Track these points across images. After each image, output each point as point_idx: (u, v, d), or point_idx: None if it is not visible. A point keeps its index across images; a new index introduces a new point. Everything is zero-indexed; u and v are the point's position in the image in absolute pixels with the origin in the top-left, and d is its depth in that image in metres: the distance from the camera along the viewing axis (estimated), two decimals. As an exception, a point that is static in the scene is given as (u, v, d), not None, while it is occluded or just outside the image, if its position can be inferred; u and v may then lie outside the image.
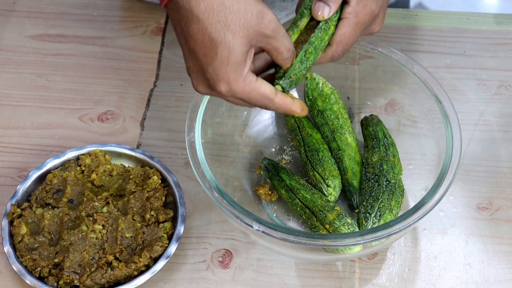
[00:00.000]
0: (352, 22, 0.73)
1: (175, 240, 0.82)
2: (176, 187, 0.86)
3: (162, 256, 0.81)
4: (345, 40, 0.73)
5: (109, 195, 0.86)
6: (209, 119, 0.85)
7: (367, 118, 0.91)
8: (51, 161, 0.88)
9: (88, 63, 1.04)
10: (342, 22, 0.73)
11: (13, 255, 0.82)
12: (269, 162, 0.89)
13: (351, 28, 0.73)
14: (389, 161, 0.85)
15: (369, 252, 0.82)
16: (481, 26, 1.08)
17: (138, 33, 1.07)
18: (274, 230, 0.74)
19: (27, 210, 0.84)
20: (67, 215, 0.84)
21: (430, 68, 0.89)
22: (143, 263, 0.80)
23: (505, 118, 0.98)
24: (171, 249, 0.81)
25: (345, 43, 0.74)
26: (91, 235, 0.82)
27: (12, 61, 1.04)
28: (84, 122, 0.97)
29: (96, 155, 0.89)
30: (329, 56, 0.74)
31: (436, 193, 0.77)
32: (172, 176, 0.86)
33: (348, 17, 0.73)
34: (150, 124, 0.97)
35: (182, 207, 0.84)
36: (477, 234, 0.87)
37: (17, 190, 0.86)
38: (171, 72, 1.03)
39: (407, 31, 1.07)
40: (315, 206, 0.82)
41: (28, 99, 1.00)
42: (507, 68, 1.03)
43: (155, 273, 0.80)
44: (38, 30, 1.08)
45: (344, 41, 0.73)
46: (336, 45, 0.73)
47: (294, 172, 0.88)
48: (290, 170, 0.88)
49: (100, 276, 0.80)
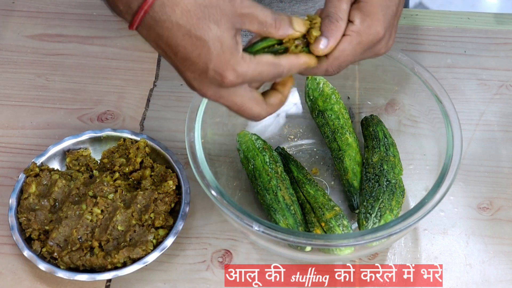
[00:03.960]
0: (354, 40, 0.70)
1: (173, 234, 0.82)
2: (185, 183, 0.86)
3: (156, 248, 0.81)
4: (342, 57, 0.71)
5: (125, 184, 0.86)
6: (209, 119, 0.85)
7: (368, 118, 0.91)
8: (88, 133, 0.91)
9: (87, 63, 1.04)
10: (344, 39, 0.70)
11: (14, 208, 0.84)
12: (282, 151, 0.90)
13: (352, 46, 0.71)
14: (390, 161, 0.85)
15: (370, 252, 0.82)
16: (482, 26, 1.08)
17: (137, 32, 1.07)
18: (274, 230, 0.74)
19: (45, 172, 0.86)
20: (77, 189, 0.85)
21: (431, 68, 0.89)
22: (118, 260, 0.80)
23: (506, 118, 0.98)
24: (166, 242, 0.82)
25: (342, 60, 0.71)
26: (87, 215, 0.83)
27: (12, 61, 1.04)
28: (84, 122, 0.97)
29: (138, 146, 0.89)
30: (324, 69, 0.72)
31: (437, 193, 0.76)
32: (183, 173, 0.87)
33: (351, 34, 0.70)
34: (149, 124, 0.97)
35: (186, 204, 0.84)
36: (478, 235, 0.87)
37: (47, 150, 0.89)
38: (171, 72, 1.01)
39: (407, 31, 1.07)
40: (316, 202, 0.83)
41: (28, 99, 0.99)
42: (508, 68, 1.03)
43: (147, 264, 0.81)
44: (38, 30, 1.07)
45: (342, 58, 0.71)
46: (332, 60, 0.71)
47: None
48: (301, 163, 0.88)
49: (78, 257, 0.81)
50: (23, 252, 0.81)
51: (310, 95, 0.91)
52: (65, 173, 0.88)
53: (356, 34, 0.70)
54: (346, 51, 0.71)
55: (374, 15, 0.71)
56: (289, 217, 0.82)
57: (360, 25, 0.70)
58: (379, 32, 0.71)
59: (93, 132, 0.91)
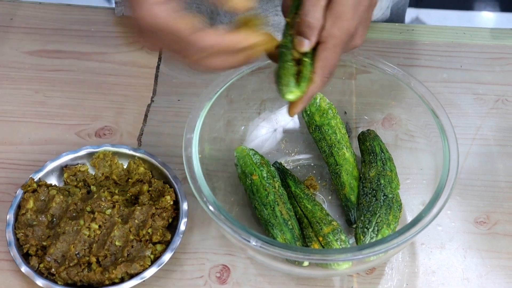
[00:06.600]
0: (330, 44, 0.73)
1: (170, 250, 0.82)
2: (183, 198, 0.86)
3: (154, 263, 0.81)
4: (328, 64, 0.73)
5: (122, 199, 0.86)
6: (207, 135, 0.85)
7: (364, 133, 0.91)
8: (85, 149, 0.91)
9: (85, 79, 1.04)
10: (321, 47, 0.73)
11: (12, 224, 0.84)
12: (280, 166, 0.90)
13: (331, 51, 0.73)
14: (387, 175, 0.85)
15: (367, 267, 0.82)
16: (478, 41, 1.09)
17: (135, 48, 1.07)
18: (271, 246, 0.74)
19: (43, 187, 0.86)
20: (75, 204, 0.85)
21: (427, 83, 0.89)
22: (116, 276, 0.80)
23: (502, 132, 0.98)
24: (164, 257, 0.82)
25: (329, 66, 0.74)
26: (85, 231, 0.83)
27: (10, 77, 1.04)
28: (82, 137, 0.97)
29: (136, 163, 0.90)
30: (320, 83, 0.74)
31: (434, 208, 0.77)
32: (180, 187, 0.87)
33: (325, 41, 0.73)
34: (147, 140, 0.97)
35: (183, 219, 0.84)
36: (475, 249, 0.87)
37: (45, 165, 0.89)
38: (169, 87, 1.03)
39: (403, 46, 1.08)
40: (314, 217, 0.83)
41: (26, 115, 1.00)
42: (503, 83, 1.04)
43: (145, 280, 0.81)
44: (36, 46, 1.08)
45: (328, 65, 0.73)
46: (321, 71, 0.73)
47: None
48: (298, 178, 0.89)
49: (76, 272, 0.80)
50: (20, 268, 0.81)
51: (307, 110, 0.92)
52: (63, 189, 0.88)
53: (330, 38, 0.73)
54: (328, 57, 0.73)
55: (344, 15, 0.73)
56: (286, 232, 0.82)
57: (331, 28, 0.73)
58: (350, 29, 0.74)
59: (91, 148, 0.91)
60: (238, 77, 0.88)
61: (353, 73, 0.92)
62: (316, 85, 0.74)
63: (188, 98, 1.01)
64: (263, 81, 0.91)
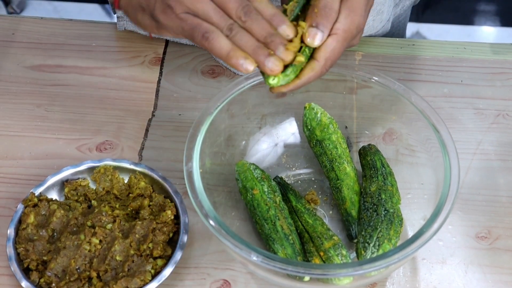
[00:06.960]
0: (341, 37, 0.72)
1: (171, 264, 0.82)
2: (184, 213, 0.86)
3: (154, 278, 0.81)
4: (333, 56, 0.73)
5: (123, 214, 0.86)
6: (207, 149, 0.85)
7: (365, 148, 0.91)
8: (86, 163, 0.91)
9: (86, 93, 1.04)
10: (332, 38, 0.72)
11: (12, 239, 0.84)
12: (280, 181, 0.90)
13: (340, 43, 0.72)
14: (387, 190, 0.85)
15: (368, 282, 0.82)
16: (478, 56, 1.09)
17: (136, 63, 1.08)
18: (272, 260, 0.74)
19: (44, 202, 0.86)
20: (75, 219, 0.85)
21: (428, 97, 0.89)
22: None
23: (503, 147, 0.98)
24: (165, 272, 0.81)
25: (333, 58, 0.73)
26: (85, 245, 0.82)
27: (11, 92, 1.04)
28: (82, 152, 0.97)
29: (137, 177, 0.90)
30: (319, 73, 0.73)
31: (435, 223, 0.76)
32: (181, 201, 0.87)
33: (337, 33, 0.72)
34: (148, 154, 0.97)
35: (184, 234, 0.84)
36: (477, 264, 0.87)
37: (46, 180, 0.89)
38: (170, 102, 1.03)
39: (404, 61, 1.08)
40: (315, 231, 0.83)
41: (26, 129, 1.00)
42: (504, 97, 1.04)
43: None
44: (37, 60, 1.08)
45: (333, 57, 0.73)
46: (325, 61, 0.72)
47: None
48: (299, 193, 0.89)
49: (76, 287, 0.80)
50: (21, 283, 0.81)
51: (308, 125, 0.92)
52: (64, 203, 0.88)
53: (342, 32, 0.72)
54: (336, 49, 0.73)
55: (357, 11, 0.73)
56: (287, 247, 0.82)
57: (345, 21, 0.72)
58: (360, 25, 0.74)
59: (92, 162, 0.91)
60: (239, 92, 0.88)
61: (354, 87, 0.92)
62: (315, 74, 0.72)
63: (189, 112, 1.01)
64: (263, 95, 0.91)
